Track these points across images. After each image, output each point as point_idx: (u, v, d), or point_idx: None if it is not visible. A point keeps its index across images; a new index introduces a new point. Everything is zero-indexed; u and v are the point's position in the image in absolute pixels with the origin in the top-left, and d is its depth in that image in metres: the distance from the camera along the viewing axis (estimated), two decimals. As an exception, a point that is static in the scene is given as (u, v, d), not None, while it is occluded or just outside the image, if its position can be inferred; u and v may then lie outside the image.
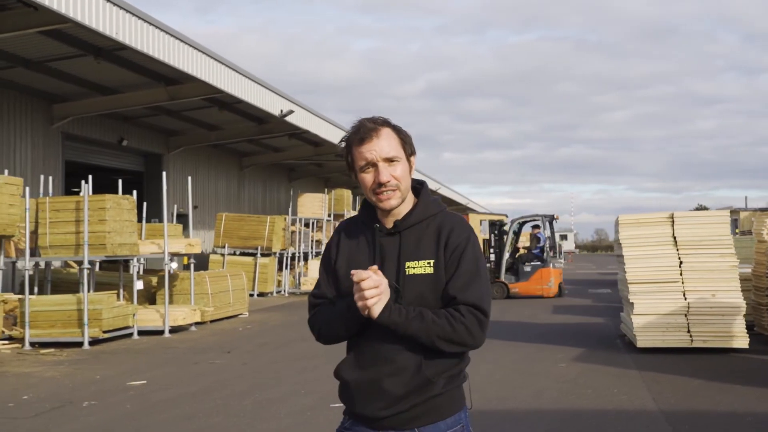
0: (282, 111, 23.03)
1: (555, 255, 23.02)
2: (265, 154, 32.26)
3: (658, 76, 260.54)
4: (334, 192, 30.72)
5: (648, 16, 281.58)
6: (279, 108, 22.98)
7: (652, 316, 10.69)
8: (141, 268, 18.61)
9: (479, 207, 70.58)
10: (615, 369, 9.69)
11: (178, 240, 16.74)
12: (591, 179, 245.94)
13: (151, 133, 25.24)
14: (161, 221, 23.59)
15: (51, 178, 16.43)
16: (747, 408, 7.41)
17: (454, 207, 55.65)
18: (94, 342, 13.43)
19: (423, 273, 2.52)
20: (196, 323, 15.82)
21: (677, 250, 10.81)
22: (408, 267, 2.53)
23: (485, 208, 74.63)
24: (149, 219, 20.60)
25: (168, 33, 16.37)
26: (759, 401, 7.75)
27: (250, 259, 24.62)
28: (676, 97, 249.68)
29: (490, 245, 23.37)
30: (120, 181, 16.17)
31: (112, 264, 16.04)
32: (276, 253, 25.52)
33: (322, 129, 26.86)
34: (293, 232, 27.79)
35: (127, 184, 17.05)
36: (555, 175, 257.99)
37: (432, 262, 2.53)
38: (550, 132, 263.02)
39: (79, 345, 13.25)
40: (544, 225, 23.54)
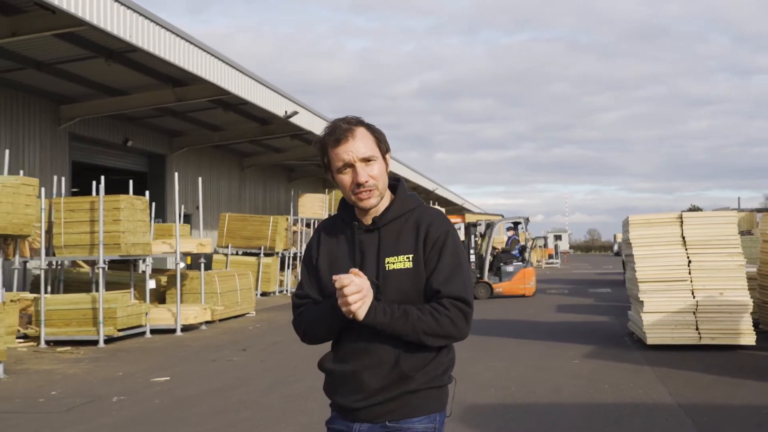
0: (286, 112, 23.24)
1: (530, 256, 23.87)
2: (266, 154, 32.46)
3: (650, 76, 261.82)
4: (334, 192, 30.94)
5: (640, 17, 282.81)
6: (283, 109, 23.20)
7: (661, 314, 10.96)
8: (148, 267, 18.85)
9: (474, 207, 70.86)
10: (628, 365, 9.94)
11: (189, 240, 16.93)
12: (584, 179, 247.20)
13: (155, 134, 25.43)
14: (165, 221, 23.88)
15: (63, 178, 16.60)
16: (762, 401, 7.66)
17: (450, 207, 55.93)
18: (108, 340, 13.63)
19: (403, 268, 2.55)
20: (206, 322, 16.03)
21: (686, 249, 11.07)
22: (388, 262, 2.56)
23: (480, 208, 74.93)
24: (153, 219, 20.75)
25: (178, 35, 16.57)
26: (772, 395, 8.01)
27: (253, 259, 24.80)
28: (668, 98, 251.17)
29: (468, 247, 23.55)
30: (131, 182, 16.33)
31: (119, 263, 16.22)
32: (278, 253, 25.72)
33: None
34: (295, 232, 28.00)
35: (132, 184, 17.12)
36: (548, 176, 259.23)
37: (411, 256, 2.56)
38: (543, 132, 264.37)
39: (94, 343, 13.45)
40: (516, 227, 24.41)
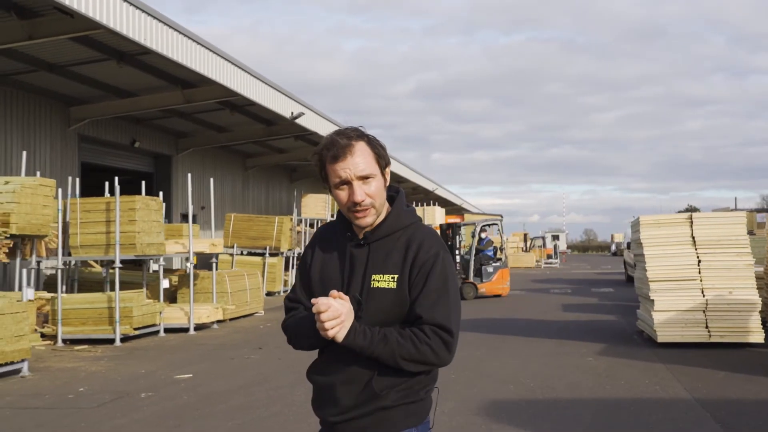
0: (293, 113, 23.43)
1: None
2: (269, 155, 32.65)
3: (647, 77, 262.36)
4: (336, 192, 31.08)
5: (636, 17, 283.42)
6: (290, 110, 23.39)
7: (671, 312, 11.21)
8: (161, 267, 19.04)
9: (472, 207, 71.10)
10: (641, 362, 10.19)
11: (201, 240, 17.14)
12: (580, 180, 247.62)
13: (162, 135, 25.60)
14: (170, 221, 24.08)
15: (78, 179, 16.78)
16: (775, 397, 7.92)
17: (449, 208, 56.13)
18: (124, 339, 13.84)
19: (386, 287, 2.50)
20: (217, 321, 16.23)
21: (696, 249, 11.33)
22: (374, 279, 2.52)
23: (477, 207, 75.18)
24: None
25: (190, 38, 16.75)
26: (784, 391, 8.25)
27: (258, 259, 24.98)
28: (664, 98, 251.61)
29: (453, 248, 23.22)
30: (143, 183, 16.52)
31: (129, 263, 16.39)
32: (283, 253, 25.92)
33: (330, 131, 27.21)
34: (299, 232, 28.22)
35: (137, 185, 17.30)
36: (544, 176, 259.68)
37: (396, 277, 2.51)
38: (539, 132, 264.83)
39: (111, 342, 13.65)
40: (488, 228, 24.69)
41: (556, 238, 71.72)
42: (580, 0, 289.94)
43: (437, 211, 43.48)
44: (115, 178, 15.32)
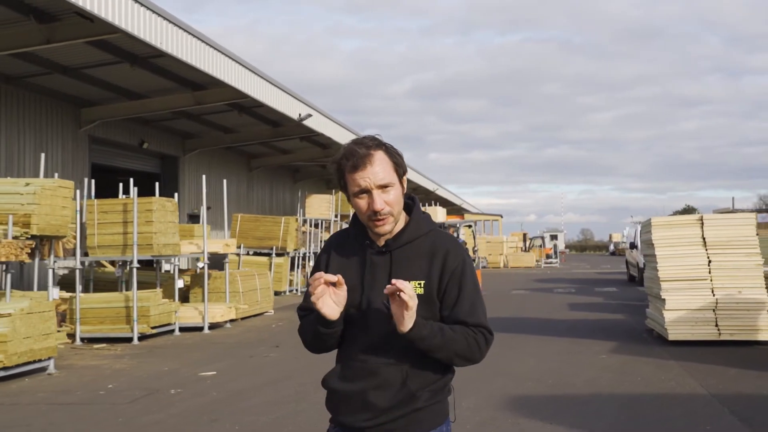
0: (300, 115, 23.67)
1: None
2: (274, 155, 32.89)
3: (643, 77, 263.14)
4: (340, 193, 31.35)
5: (632, 17, 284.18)
6: (297, 112, 23.62)
7: (682, 311, 11.48)
8: (172, 267, 19.30)
9: (471, 208, 71.40)
10: (654, 359, 10.46)
11: (215, 240, 17.37)
12: (576, 179, 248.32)
13: (169, 136, 25.82)
14: (178, 222, 24.28)
15: (93, 181, 17.01)
16: (788, 392, 8.19)
17: (449, 208, 56.39)
18: (141, 337, 14.08)
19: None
20: (230, 320, 16.47)
21: (706, 249, 11.61)
22: None
23: (476, 208, 75.47)
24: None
25: (203, 41, 16.98)
26: (796, 387, 8.52)
27: (264, 259, 25.21)
28: (661, 98, 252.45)
29: None
30: (157, 185, 16.75)
31: (141, 263, 16.63)
32: (289, 253, 26.16)
33: (336, 133, 27.53)
34: (304, 232, 28.47)
35: (144, 185, 17.51)
36: (541, 176, 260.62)
37: (423, 283, 2.57)
38: (536, 132, 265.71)
39: (128, 340, 13.89)
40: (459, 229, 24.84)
41: (554, 237, 71.99)
42: (576, 0, 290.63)
43: (439, 211, 43.84)
44: (130, 179, 15.57)
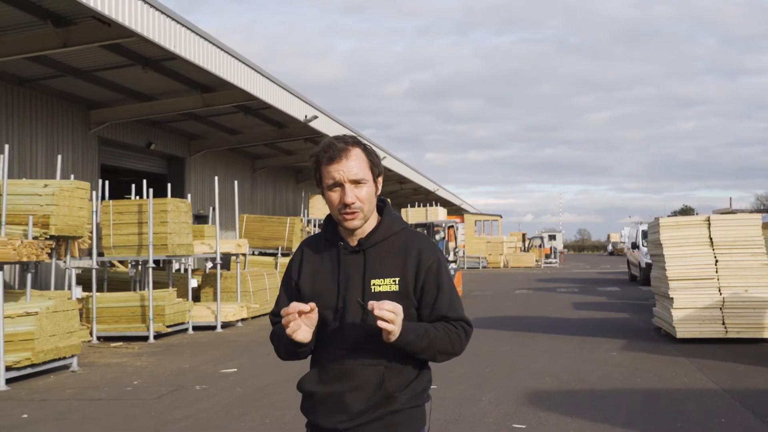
0: (306, 116, 23.92)
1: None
2: (278, 156, 33.14)
3: (638, 77, 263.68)
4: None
5: (628, 18, 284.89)
6: (303, 113, 23.87)
7: (690, 309, 11.77)
8: (182, 267, 19.55)
9: (470, 208, 71.69)
10: (664, 357, 10.74)
11: (227, 240, 17.62)
12: (573, 180, 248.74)
13: (176, 137, 26.04)
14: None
15: (107, 182, 17.26)
16: (797, 387, 8.47)
17: (449, 208, 56.68)
18: (157, 336, 14.32)
19: (388, 290, 2.58)
20: (242, 319, 16.73)
21: (713, 249, 11.91)
22: (373, 284, 2.59)
23: (475, 208, 75.77)
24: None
25: (214, 44, 17.21)
26: (804, 382, 8.81)
27: (270, 259, 25.45)
28: (656, 99, 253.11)
29: None
30: (168, 186, 17.00)
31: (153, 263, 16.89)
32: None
33: (340, 134, 27.75)
34: (308, 232, 28.72)
35: (151, 186, 17.73)
36: (537, 176, 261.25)
37: (398, 279, 2.60)
38: (532, 132, 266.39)
39: (144, 339, 14.14)
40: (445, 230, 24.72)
41: (552, 237, 72.28)
42: (571, 1, 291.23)
43: (440, 211, 44.15)
44: (143, 181, 15.83)
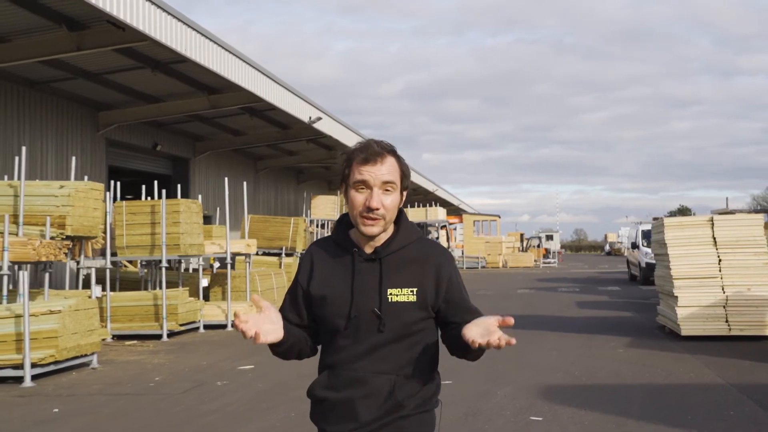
0: (311, 118, 24.20)
1: None
2: (280, 157, 33.41)
3: (634, 77, 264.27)
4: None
5: (624, 18, 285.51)
6: (307, 114, 24.16)
7: (694, 307, 12.09)
8: (190, 267, 19.83)
9: (469, 208, 72.01)
10: (670, 353, 11.04)
11: (237, 240, 17.90)
12: (569, 179, 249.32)
13: (181, 138, 26.32)
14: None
15: (118, 183, 17.51)
16: (801, 382, 8.78)
17: (448, 208, 57.00)
18: (170, 334, 14.59)
19: (406, 301, 2.56)
20: (251, 318, 16.97)
21: (716, 249, 12.23)
22: (390, 294, 2.56)
23: (473, 208, 76.08)
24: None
25: (222, 47, 17.48)
26: (806, 378, 9.11)
27: (274, 259, 25.72)
28: (652, 99, 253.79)
29: None
30: (179, 187, 17.26)
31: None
32: (298, 254, 26.67)
33: (343, 135, 28.07)
34: (311, 233, 29.04)
35: (156, 187, 18.00)
36: (534, 176, 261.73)
37: (415, 290, 2.57)
38: (528, 133, 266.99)
39: (158, 337, 14.40)
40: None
41: (550, 238, 72.62)
42: (566, 2, 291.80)
43: (440, 212, 44.47)
44: (149, 181, 16.09)
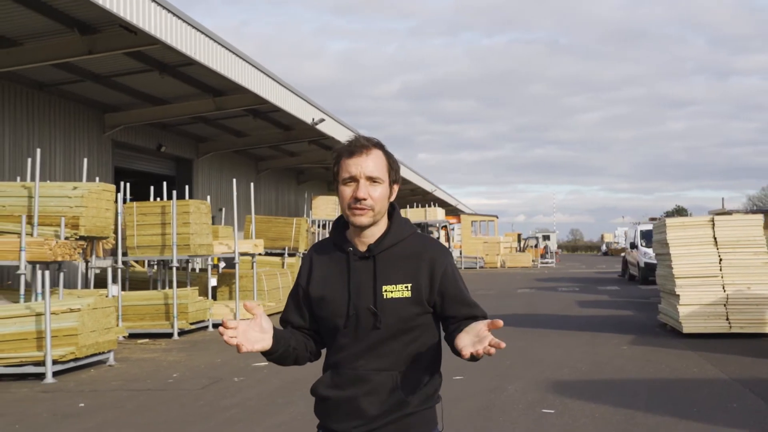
0: (314, 119, 24.46)
1: None
2: (281, 158, 33.67)
3: (628, 78, 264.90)
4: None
5: (618, 19, 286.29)
6: (310, 116, 24.42)
7: (695, 306, 12.40)
8: (197, 267, 20.10)
9: (466, 208, 72.29)
10: (672, 350, 11.36)
11: (245, 241, 18.17)
12: (564, 180, 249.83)
13: (184, 140, 26.57)
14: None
15: (129, 185, 17.77)
16: (801, 377, 9.09)
17: (446, 208, 57.29)
18: (180, 333, 14.85)
19: (401, 297, 2.58)
20: (258, 317, 17.25)
21: (717, 249, 12.55)
22: (385, 291, 2.59)
23: (470, 208, 76.37)
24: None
25: (229, 50, 17.73)
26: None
27: (277, 259, 25.98)
28: (646, 99, 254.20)
29: None
30: (186, 188, 17.51)
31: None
32: (301, 254, 26.93)
33: (345, 137, 28.26)
34: (313, 233, 29.31)
35: (159, 188, 18.24)
36: (529, 176, 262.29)
37: (410, 286, 2.60)
38: (523, 133, 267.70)
39: (169, 336, 14.66)
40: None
41: (546, 238, 72.97)
42: (562, 2, 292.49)
43: (439, 212, 44.75)
44: (164, 183, 16.35)
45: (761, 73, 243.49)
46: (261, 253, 23.64)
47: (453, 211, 63.34)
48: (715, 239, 12.60)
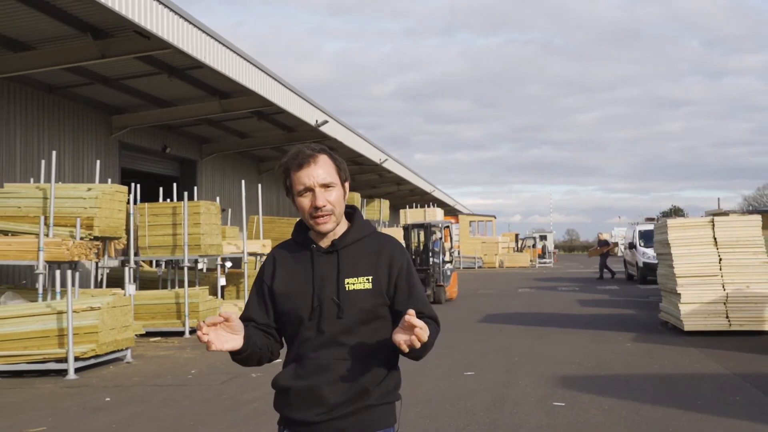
0: (317, 121, 24.79)
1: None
2: (282, 159, 33.96)
3: (623, 78, 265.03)
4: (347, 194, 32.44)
5: (613, 19, 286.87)
6: (314, 118, 24.75)
7: (696, 304, 12.75)
8: (205, 266, 20.40)
9: (464, 209, 72.62)
10: (675, 347, 11.71)
11: (254, 241, 18.50)
12: (561, 180, 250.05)
13: (189, 141, 26.87)
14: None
15: (139, 186, 18.06)
16: (800, 372, 9.44)
17: (444, 209, 57.60)
18: (191, 331, 15.16)
19: (362, 288, 2.70)
20: (265, 316, 17.57)
21: (717, 249, 12.91)
22: (347, 283, 2.70)
23: (468, 209, 76.70)
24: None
25: (236, 53, 18.06)
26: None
27: (280, 259, 26.29)
28: (642, 100, 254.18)
29: (429, 249, 22.19)
30: (195, 189, 17.83)
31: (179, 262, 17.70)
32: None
33: (347, 137, 28.67)
34: (315, 233, 29.62)
35: (164, 188, 18.52)
36: (525, 176, 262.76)
37: (371, 278, 2.72)
38: (519, 133, 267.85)
39: (180, 334, 14.98)
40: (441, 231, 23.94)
41: (543, 238, 73.26)
42: (557, 2, 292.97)
43: (438, 212, 45.04)
44: (173, 184, 16.66)
45: (755, 74, 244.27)
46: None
47: (451, 212, 63.67)
48: (715, 239, 12.96)
